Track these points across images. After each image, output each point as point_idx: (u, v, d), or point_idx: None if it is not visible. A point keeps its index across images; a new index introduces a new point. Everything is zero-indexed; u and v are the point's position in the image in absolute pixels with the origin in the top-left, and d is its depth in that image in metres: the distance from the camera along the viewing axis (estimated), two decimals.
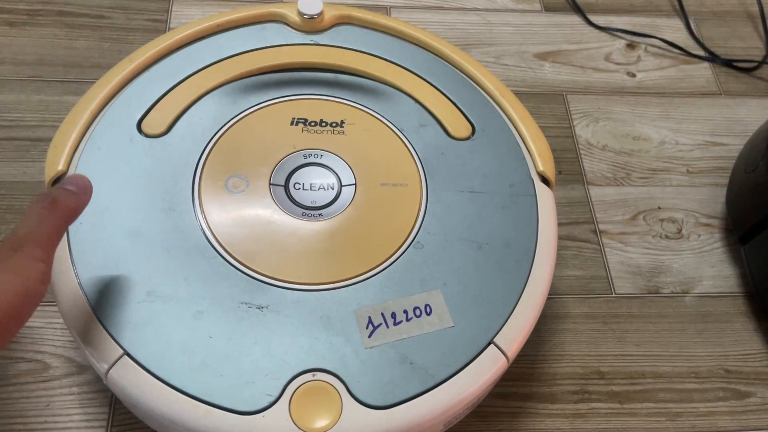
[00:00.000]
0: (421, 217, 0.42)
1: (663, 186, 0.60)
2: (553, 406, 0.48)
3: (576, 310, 0.53)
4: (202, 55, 0.48)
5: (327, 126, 0.45)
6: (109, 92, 0.45)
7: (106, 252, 0.38)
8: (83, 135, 0.43)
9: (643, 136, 0.63)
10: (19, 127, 0.56)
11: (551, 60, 0.68)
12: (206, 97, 0.46)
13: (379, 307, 0.38)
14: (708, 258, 0.57)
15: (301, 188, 0.42)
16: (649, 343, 0.51)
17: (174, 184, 0.41)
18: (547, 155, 0.46)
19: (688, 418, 0.49)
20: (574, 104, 0.65)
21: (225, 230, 0.40)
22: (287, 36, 0.50)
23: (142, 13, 0.65)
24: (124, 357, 0.35)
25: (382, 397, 0.35)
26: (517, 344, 0.38)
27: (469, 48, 0.67)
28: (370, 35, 0.51)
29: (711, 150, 0.63)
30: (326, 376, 0.36)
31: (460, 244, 0.41)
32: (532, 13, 0.71)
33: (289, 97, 0.47)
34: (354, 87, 0.48)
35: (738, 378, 0.51)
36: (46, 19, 0.63)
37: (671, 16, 0.73)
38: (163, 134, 0.43)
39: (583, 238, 0.56)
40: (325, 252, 0.40)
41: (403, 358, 0.36)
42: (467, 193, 0.43)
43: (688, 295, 0.54)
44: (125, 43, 0.63)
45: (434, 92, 0.48)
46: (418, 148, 0.45)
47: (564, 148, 0.62)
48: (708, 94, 0.67)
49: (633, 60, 0.69)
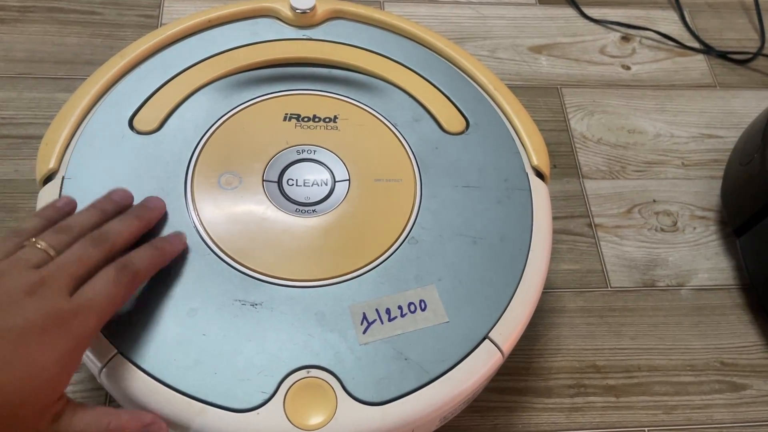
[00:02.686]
0: (416, 212, 0.42)
1: (658, 179, 0.60)
2: (549, 401, 0.48)
3: (571, 304, 0.53)
4: (194, 50, 0.47)
5: (320, 121, 0.45)
6: (101, 89, 0.44)
7: None
8: (75, 132, 0.42)
9: (638, 129, 0.63)
10: (10, 125, 0.56)
11: (546, 53, 0.67)
12: (198, 94, 0.45)
13: (374, 303, 0.38)
14: (703, 251, 0.57)
15: (295, 184, 0.42)
16: (645, 337, 0.51)
17: (166, 181, 0.41)
18: (542, 149, 0.46)
19: (683, 411, 0.49)
20: (569, 97, 0.65)
21: (218, 227, 0.40)
22: (280, 31, 0.49)
23: (133, 9, 0.65)
24: (117, 355, 0.35)
25: (377, 393, 0.35)
26: (512, 339, 0.38)
27: (463, 42, 0.67)
28: (363, 30, 0.50)
29: (706, 142, 0.63)
30: (321, 373, 0.35)
31: (455, 239, 0.41)
32: (527, 6, 0.71)
33: (282, 93, 0.46)
34: (347, 82, 0.48)
35: (734, 370, 0.51)
36: (37, 16, 0.63)
37: (666, 9, 0.73)
38: (155, 131, 0.43)
39: (578, 232, 0.56)
40: (319, 248, 0.40)
41: (398, 353, 0.36)
42: (461, 188, 0.43)
43: (683, 288, 0.54)
44: (117, 39, 0.62)
45: (428, 87, 0.48)
46: (412, 143, 0.45)
47: (559, 142, 0.61)
48: (703, 87, 0.67)
49: (628, 53, 0.69)
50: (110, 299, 0.32)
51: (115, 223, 0.36)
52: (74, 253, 0.33)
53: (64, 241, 0.33)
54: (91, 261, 0.33)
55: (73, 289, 0.31)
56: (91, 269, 0.33)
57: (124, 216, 0.37)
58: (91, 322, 0.31)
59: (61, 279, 0.31)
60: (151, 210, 0.39)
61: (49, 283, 0.30)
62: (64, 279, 0.31)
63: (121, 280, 0.33)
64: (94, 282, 0.32)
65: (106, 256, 0.34)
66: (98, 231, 0.35)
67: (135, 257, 0.35)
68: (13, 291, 0.29)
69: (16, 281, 0.30)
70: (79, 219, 0.36)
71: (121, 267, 0.33)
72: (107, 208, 0.37)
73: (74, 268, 0.32)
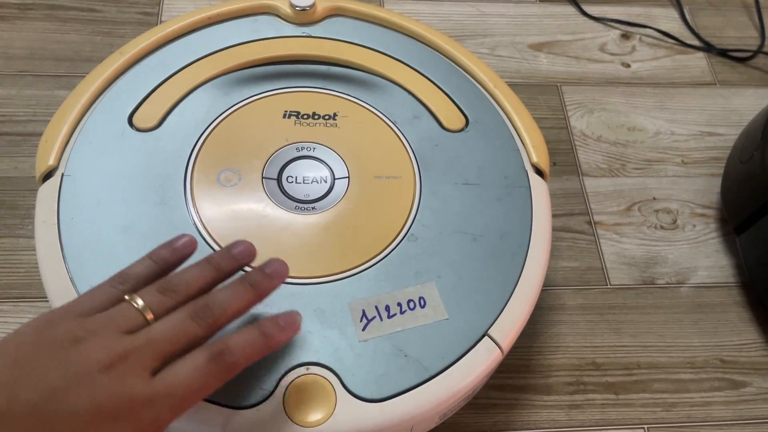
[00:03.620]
0: (415, 209, 0.42)
1: (658, 176, 0.60)
2: (549, 398, 0.48)
3: (571, 301, 0.53)
4: (193, 48, 0.47)
5: (320, 119, 0.45)
6: (100, 86, 0.44)
7: (98, 246, 0.38)
8: (74, 129, 0.42)
9: (638, 127, 0.63)
10: (10, 122, 0.56)
11: (546, 51, 0.67)
12: (198, 91, 0.45)
13: (373, 299, 0.38)
14: (703, 248, 0.57)
15: (294, 181, 0.42)
16: (645, 334, 0.51)
17: (166, 178, 0.41)
18: (542, 147, 0.46)
19: (683, 408, 0.49)
20: (569, 95, 0.65)
21: (218, 224, 0.40)
22: (279, 28, 0.49)
23: (133, 6, 0.65)
24: None
25: (376, 390, 0.35)
26: (512, 336, 0.38)
27: (464, 39, 0.67)
28: (363, 27, 0.50)
29: (706, 140, 0.63)
30: (320, 370, 0.35)
31: (455, 237, 0.41)
32: (527, 4, 0.71)
33: (282, 90, 0.46)
34: (347, 79, 0.48)
35: (733, 368, 0.51)
36: (36, 13, 0.63)
37: (666, 6, 0.73)
38: (154, 128, 0.43)
39: (577, 230, 0.56)
40: (318, 245, 0.40)
41: (398, 350, 0.36)
42: (461, 185, 0.43)
43: (683, 285, 0.54)
44: (116, 36, 0.62)
45: (428, 84, 0.48)
46: (412, 141, 0.45)
47: (559, 139, 0.61)
48: (703, 84, 0.67)
49: (628, 50, 0.69)
50: (194, 390, 0.28)
51: (225, 292, 0.31)
52: (170, 325, 0.29)
53: (165, 305, 0.30)
54: (187, 338, 0.29)
55: (157, 369, 0.28)
56: (184, 347, 0.29)
57: (238, 283, 0.32)
58: (165, 414, 0.27)
59: (147, 357, 0.27)
60: (271, 279, 0.33)
61: (132, 359, 0.27)
62: (150, 357, 0.27)
63: (212, 371, 0.28)
64: (180, 367, 0.28)
65: (205, 333, 0.30)
66: (203, 300, 0.30)
67: (235, 344, 0.29)
68: (92, 363, 0.26)
69: (99, 351, 0.27)
70: (187, 277, 0.31)
71: (215, 355, 0.28)
72: (224, 266, 0.33)
73: (165, 346, 0.28)
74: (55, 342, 0.27)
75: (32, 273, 0.49)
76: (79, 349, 0.27)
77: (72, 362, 0.26)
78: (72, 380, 0.26)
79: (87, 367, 0.26)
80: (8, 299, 0.48)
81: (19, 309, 0.47)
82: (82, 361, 0.26)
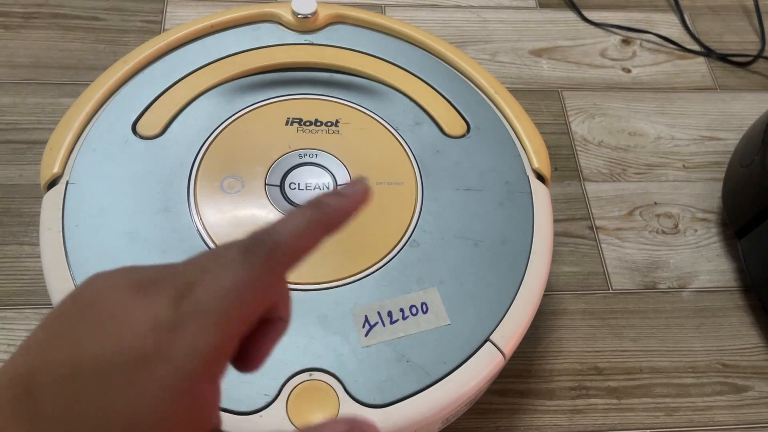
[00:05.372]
0: (417, 215, 0.42)
1: (659, 181, 0.60)
2: (551, 403, 0.48)
3: (573, 306, 0.53)
4: (196, 56, 0.48)
5: (322, 125, 0.45)
6: (104, 94, 0.45)
7: (103, 253, 0.38)
8: (79, 137, 0.43)
9: (639, 132, 0.63)
10: (14, 130, 0.56)
11: (546, 56, 0.68)
12: (201, 98, 0.46)
13: (376, 305, 0.38)
14: (704, 253, 0.57)
15: (297, 188, 0.43)
16: (647, 339, 0.52)
17: (169, 185, 0.41)
18: (543, 152, 0.46)
19: (685, 413, 0.49)
20: (570, 100, 0.65)
21: (221, 231, 0.40)
22: (281, 36, 0.50)
23: (136, 15, 0.65)
24: None
25: (379, 396, 0.35)
26: (514, 341, 0.38)
27: (464, 45, 0.67)
28: (364, 34, 0.51)
29: (707, 145, 0.63)
30: (323, 376, 0.36)
31: (456, 242, 0.41)
32: (527, 10, 0.71)
33: (284, 97, 0.47)
34: (349, 86, 0.48)
35: (735, 372, 0.51)
36: (40, 22, 0.63)
37: (666, 12, 0.73)
38: (158, 135, 0.44)
39: (579, 235, 0.57)
40: (321, 251, 0.40)
41: (400, 356, 0.37)
42: (463, 191, 0.44)
43: (685, 290, 0.55)
44: (120, 44, 0.63)
45: (429, 90, 0.48)
46: (414, 147, 0.45)
47: (560, 145, 0.62)
48: (703, 89, 0.67)
49: (628, 56, 0.69)
50: (232, 301, 0.19)
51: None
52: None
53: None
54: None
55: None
56: None
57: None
58: (201, 339, 0.19)
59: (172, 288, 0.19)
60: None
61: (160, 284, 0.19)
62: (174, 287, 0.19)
63: (253, 264, 0.20)
64: (210, 278, 0.20)
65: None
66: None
67: (280, 225, 0.22)
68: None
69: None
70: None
71: (251, 244, 0.21)
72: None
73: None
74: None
75: (37, 280, 0.49)
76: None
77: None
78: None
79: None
80: (13, 306, 0.48)
81: (24, 316, 0.48)
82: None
